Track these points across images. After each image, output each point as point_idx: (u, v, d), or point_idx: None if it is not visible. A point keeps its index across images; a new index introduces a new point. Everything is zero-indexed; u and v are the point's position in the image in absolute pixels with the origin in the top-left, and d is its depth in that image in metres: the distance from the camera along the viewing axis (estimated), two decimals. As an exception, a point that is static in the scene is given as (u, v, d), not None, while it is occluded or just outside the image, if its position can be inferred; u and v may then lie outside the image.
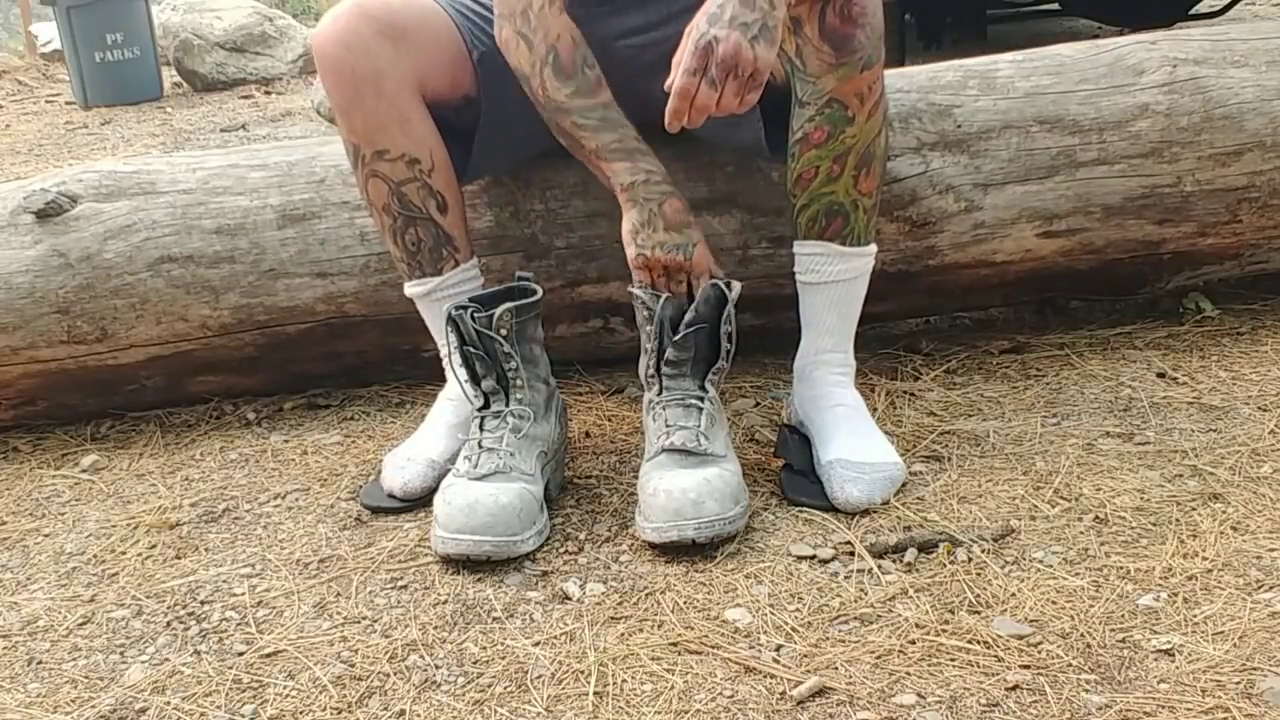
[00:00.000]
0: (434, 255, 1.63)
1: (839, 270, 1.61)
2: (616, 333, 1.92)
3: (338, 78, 1.54)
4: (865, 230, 1.61)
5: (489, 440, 1.48)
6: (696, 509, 1.39)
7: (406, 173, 1.58)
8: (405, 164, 1.58)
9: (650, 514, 1.42)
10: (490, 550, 1.40)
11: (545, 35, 1.52)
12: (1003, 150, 1.86)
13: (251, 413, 1.91)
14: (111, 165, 1.92)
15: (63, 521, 1.64)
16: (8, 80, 7.39)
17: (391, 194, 1.59)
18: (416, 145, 1.58)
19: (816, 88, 1.50)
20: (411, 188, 1.59)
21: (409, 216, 1.61)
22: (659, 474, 1.44)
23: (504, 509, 1.41)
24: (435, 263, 1.64)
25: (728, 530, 1.41)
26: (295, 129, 5.06)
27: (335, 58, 1.53)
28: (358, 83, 1.53)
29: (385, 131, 1.56)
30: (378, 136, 1.56)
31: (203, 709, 1.21)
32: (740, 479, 1.47)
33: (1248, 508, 1.45)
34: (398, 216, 1.61)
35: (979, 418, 1.73)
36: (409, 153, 1.58)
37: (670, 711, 1.16)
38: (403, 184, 1.59)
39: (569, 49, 1.52)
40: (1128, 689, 1.15)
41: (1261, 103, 1.89)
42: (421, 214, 1.60)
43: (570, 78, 1.52)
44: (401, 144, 1.57)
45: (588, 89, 1.52)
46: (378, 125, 1.56)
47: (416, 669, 1.24)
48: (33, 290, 1.80)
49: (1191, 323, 2.01)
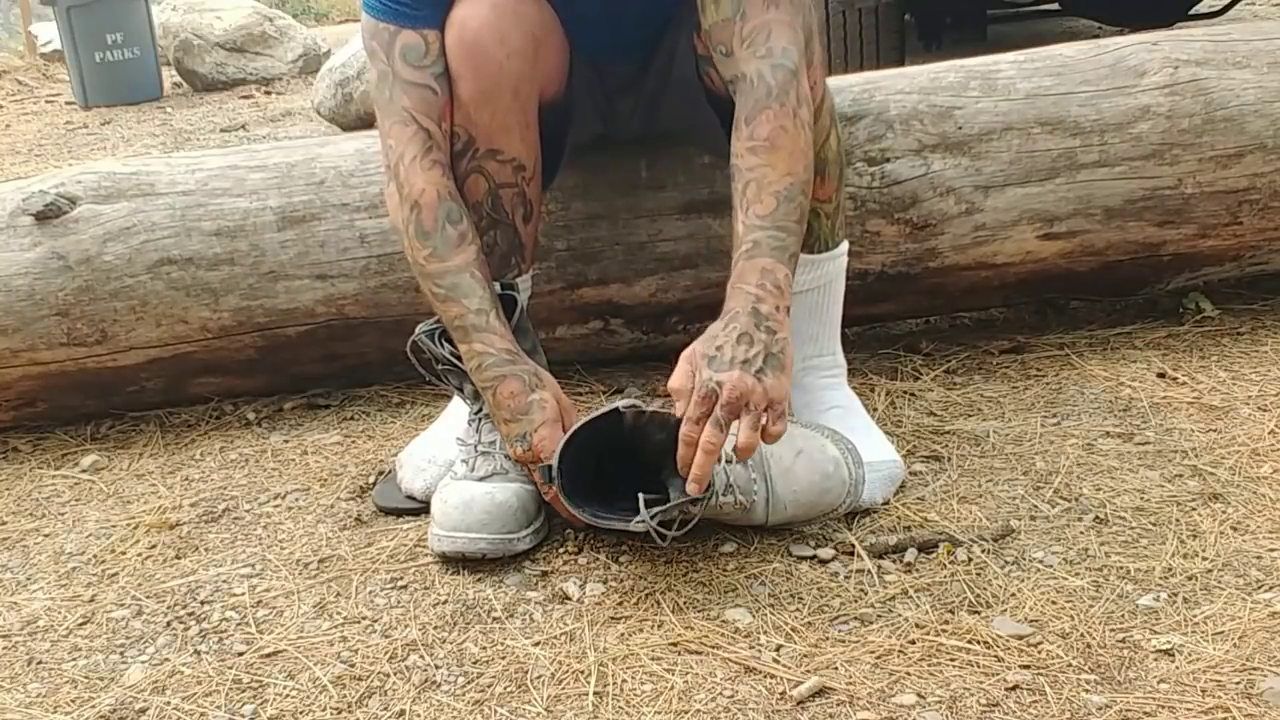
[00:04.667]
0: (504, 261, 1.59)
1: (810, 279, 1.60)
2: (616, 334, 1.92)
3: (481, 69, 1.48)
4: (831, 235, 1.61)
5: (485, 444, 1.48)
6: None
7: (511, 177, 1.54)
8: (513, 168, 1.54)
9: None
10: (486, 548, 1.40)
11: (409, 190, 1.48)
12: (1004, 152, 1.86)
13: (251, 413, 1.91)
14: (110, 166, 1.92)
15: (63, 521, 1.64)
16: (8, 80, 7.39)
17: (489, 194, 1.55)
18: (528, 152, 1.55)
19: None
20: (509, 192, 1.55)
21: (495, 219, 1.57)
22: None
23: (500, 507, 1.41)
24: (502, 269, 1.59)
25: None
26: (295, 129, 5.06)
27: (487, 51, 1.47)
28: (500, 80, 1.48)
29: (508, 133, 1.52)
30: (500, 136, 1.51)
31: (203, 709, 1.21)
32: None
33: (1248, 508, 1.45)
34: (485, 216, 1.56)
35: (979, 418, 1.73)
36: (519, 158, 1.54)
37: (670, 711, 1.16)
38: (503, 186, 1.55)
39: (431, 204, 1.47)
40: (1128, 689, 1.15)
41: (1263, 104, 1.89)
42: (508, 220, 1.57)
43: (429, 236, 1.47)
44: (517, 148, 1.53)
45: (446, 249, 1.46)
46: (503, 125, 1.51)
47: (416, 669, 1.24)
48: (32, 293, 1.80)
49: (1191, 323, 2.01)
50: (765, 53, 1.40)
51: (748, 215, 1.37)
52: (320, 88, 4.85)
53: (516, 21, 1.48)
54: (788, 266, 1.36)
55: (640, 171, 1.85)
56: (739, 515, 1.41)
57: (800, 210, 1.38)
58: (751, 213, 1.37)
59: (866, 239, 1.85)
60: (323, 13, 12.00)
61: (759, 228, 1.36)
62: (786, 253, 1.36)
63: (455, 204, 1.49)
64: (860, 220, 1.84)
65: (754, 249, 1.35)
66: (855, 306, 1.73)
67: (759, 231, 1.36)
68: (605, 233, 1.84)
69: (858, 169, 1.83)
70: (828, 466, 1.44)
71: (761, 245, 1.36)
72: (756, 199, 1.37)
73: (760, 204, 1.37)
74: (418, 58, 1.49)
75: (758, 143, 1.38)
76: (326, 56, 6.49)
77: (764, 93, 1.39)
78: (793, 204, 1.37)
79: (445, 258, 1.46)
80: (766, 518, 1.42)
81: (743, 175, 1.39)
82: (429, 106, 1.49)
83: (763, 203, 1.37)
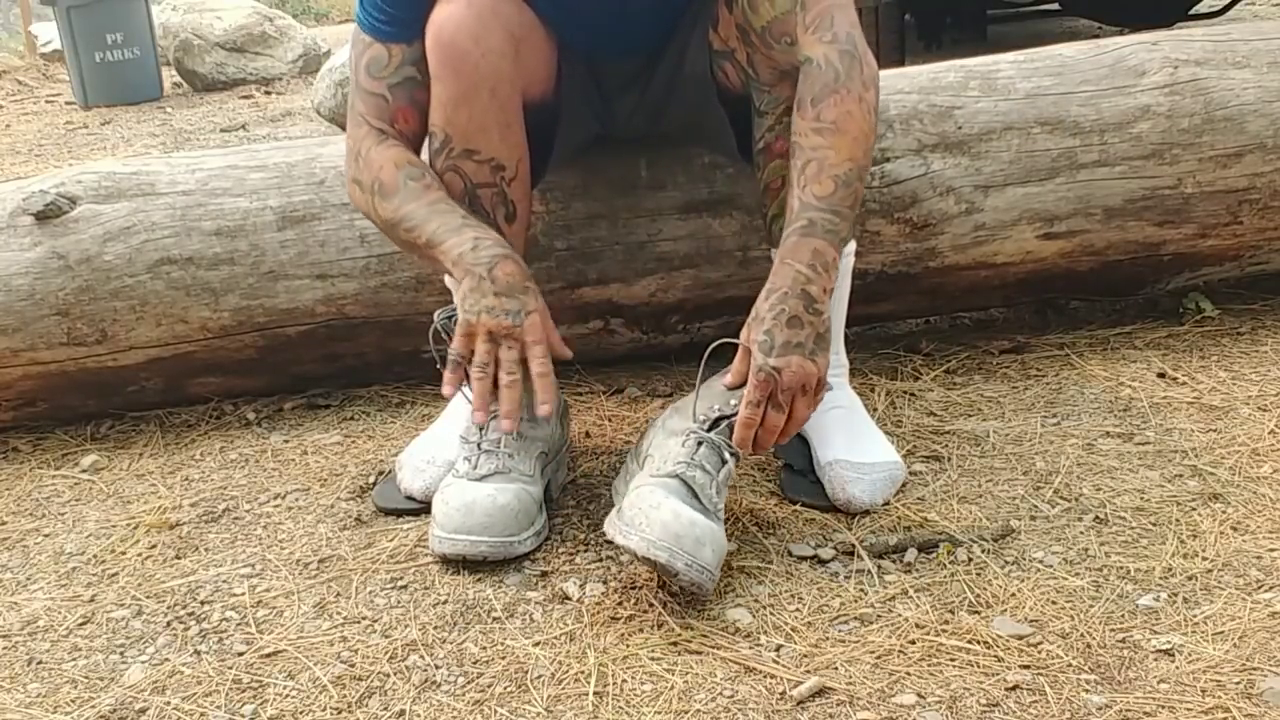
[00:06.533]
0: None
1: None
2: (617, 334, 1.92)
3: (458, 70, 1.49)
4: None
5: (487, 443, 1.48)
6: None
7: (488, 177, 1.55)
8: (490, 169, 1.55)
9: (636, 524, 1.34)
10: (487, 551, 1.40)
11: (370, 171, 1.53)
12: (1004, 152, 1.86)
13: (251, 413, 1.91)
14: (110, 166, 1.92)
15: (63, 521, 1.64)
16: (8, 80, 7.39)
17: (465, 194, 1.55)
18: (508, 152, 1.55)
19: (772, 96, 1.50)
20: (487, 192, 1.56)
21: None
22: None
23: (501, 509, 1.41)
24: None
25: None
26: (295, 129, 5.06)
27: (463, 50, 1.48)
28: (478, 80, 1.49)
29: (485, 133, 1.52)
30: (476, 136, 1.52)
31: (203, 709, 1.21)
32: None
33: (1248, 508, 1.45)
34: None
35: (979, 418, 1.73)
36: (498, 158, 1.54)
37: (670, 711, 1.16)
38: (479, 187, 1.55)
39: (391, 173, 1.51)
40: (1128, 689, 1.15)
41: (1263, 104, 1.89)
42: (489, 220, 1.57)
43: (395, 193, 1.51)
44: (495, 148, 1.54)
45: (413, 195, 1.50)
46: (480, 126, 1.52)
47: (416, 669, 1.24)
48: (32, 293, 1.80)
49: (1191, 323, 2.01)
50: (831, 38, 1.44)
51: (804, 193, 1.40)
52: (320, 88, 4.84)
53: (494, 21, 1.49)
54: (837, 250, 1.40)
55: (640, 171, 1.85)
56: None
57: (855, 196, 1.41)
58: (809, 191, 1.40)
59: (866, 239, 1.85)
60: (323, 13, 12.00)
61: (815, 208, 1.39)
62: (838, 236, 1.39)
63: (416, 166, 1.53)
64: (860, 220, 1.83)
65: (809, 227, 1.38)
66: (855, 306, 1.73)
67: (815, 211, 1.39)
68: (605, 232, 1.84)
69: (858, 169, 1.83)
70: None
71: (816, 225, 1.38)
72: (816, 179, 1.40)
73: (819, 184, 1.39)
74: (378, 69, 1.55)
75: (824, 124, 1.41)
76: (326, 56, 6.49)
77: (831, 76, 1.42)
78: (849, 189, 1.40)
79: (416, 198, 1.50)
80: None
81: (804, 153, 1.41)
82: (381, 111, 1.55)
83: (821, 184, 1.39)
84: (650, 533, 1.28)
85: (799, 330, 1.36)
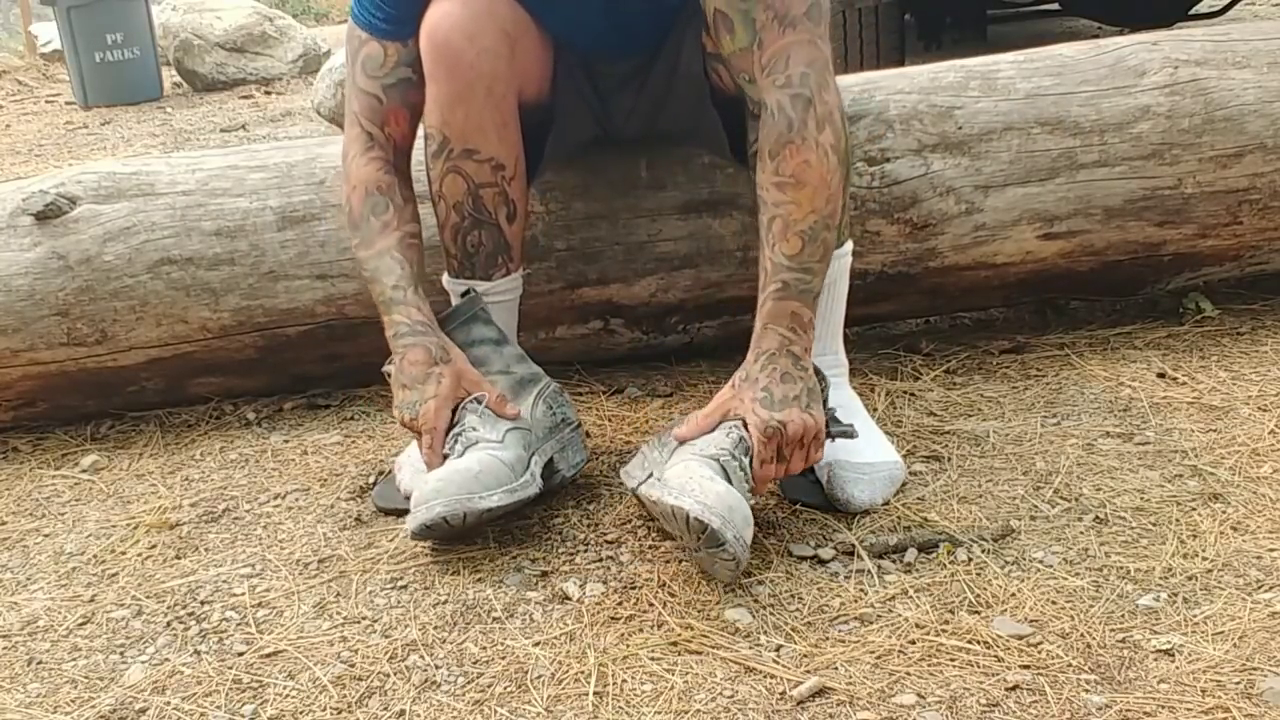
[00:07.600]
0: (489, 261, 1.62)
1: None
2: (616, 334, 1.92)
3: (453, 69, 1.50)
4: (836, 235, 1.61)
5: (456, 428, 1.49)
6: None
7: (490, 177, 1.56)
8: (491, 168, 1.56)
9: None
10: (443, 511, 1.37)
11: (346, 187, 1.59)
12: (1004, 152, 1.86)
13: (251, 413, 1.91)
14: (110, 166, 1.92)
15: (63, 521, 1.64)
16: (8, 80, 7.40)
17: (468, 194, 1.57)
18: (507, 151, 1.56)
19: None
20: (489, 192, 1.57)
21: (477, 219, 1.59)
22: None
23: (457, 473, 1.40)
24: (488, 269, 1.62)
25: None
26: (295, 129, 5.06)
27: (458, 50, 1.49)
28: (473, 79, 1.50)
29: (483, 133, 1.54)
30: (474, 136, 1.54)
31: (203, 709, 1.21)
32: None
33: (1248, 508, 1.45)
34: (467, 216, 1.59)
35: (979, 418, 1.73)
36: (497, 157, 1.56)
37: (670, 711, 1.16)
38: (482, 186, 1.57)
39: (359, 199, 1.56)
40: (1128, 689, 1.15)
41: (1263, 104, 1.89)
42: (491, 219, 1.59)
43: (358, 227, 1.57)
44: (494, 147, 1.55)
45: (370, 236, 1.55)
46: (478, 125, 1.53)
47: (416, 669, 1.24)
48: (32, 293, 1.80)
49: (1191, 323, 2.01)
50: (784, 81, 1.42)
51: (775, 253, 1.43)
52: (320, 88, 4.84)
53: (489, 20, 1.50)
54: (811, 308, 1.44)
55: (640, 171, 1.85)
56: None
57: (824, 247, 1.44)
58: (779, 251, 1.42)
59: (866, 239, 1.85)
60: (323, 13, 12.00)
61: (787, 268, 1.42)
62: (811, 294, 1.44)
63: (382, 196, 1.56)
64: (860, 220, 1.83)
65: (783, 290, 1.42)
66: (855, 306, 1.73)
67: (787, 273, 1.42)
68: (605, 233, 1.84)
69: (858, 169, 1.83)
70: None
71: (790, 287, 1.42)
72: (783, 237, 1.42)
73: (786, 243, 1.42)
74: (374, 68, 1.57)
75: (784, 179, 1.42)
76: (326, 56, 6.49)
77: (784, 125, 1.41)
78: (816, 243, 1.43)
79: (370, 244, 1.55)
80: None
81: (769, 209, 1.43)
82: (373, 113, 1.57)
83: (789, 242, 1.42)
84: (706, 499, 1.29)
85: (793, 385, 1.40)
